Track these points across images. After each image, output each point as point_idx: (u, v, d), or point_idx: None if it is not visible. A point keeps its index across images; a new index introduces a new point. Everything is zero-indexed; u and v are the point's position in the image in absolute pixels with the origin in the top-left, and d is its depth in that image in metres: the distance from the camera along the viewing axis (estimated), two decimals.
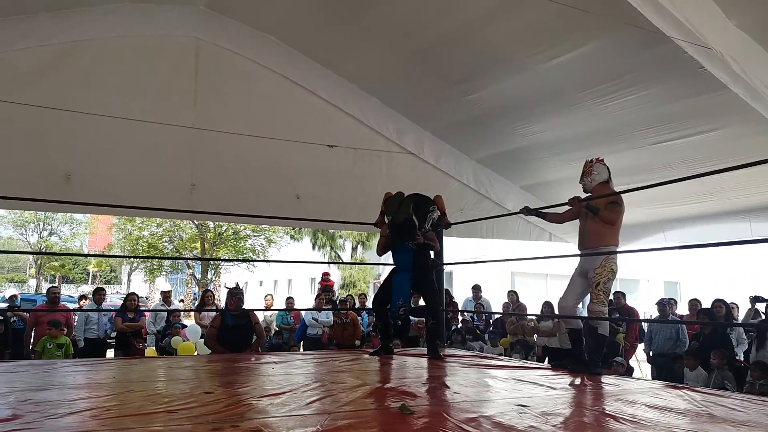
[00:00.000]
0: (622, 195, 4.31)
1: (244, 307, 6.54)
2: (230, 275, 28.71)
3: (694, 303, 7.48)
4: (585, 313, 4.69)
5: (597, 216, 4.24)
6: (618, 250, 4.37)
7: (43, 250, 32.24)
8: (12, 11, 5.60)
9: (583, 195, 4.48)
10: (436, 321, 5.11)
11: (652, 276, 20.05)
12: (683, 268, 19.04)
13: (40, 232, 34.74)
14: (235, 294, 6.70)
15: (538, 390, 3.45)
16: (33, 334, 7.15)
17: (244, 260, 21.96)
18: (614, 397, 3.31)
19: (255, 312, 6.76)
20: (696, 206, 7.20)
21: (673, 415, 2.80)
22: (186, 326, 8.48)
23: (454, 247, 5.75)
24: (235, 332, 6.20)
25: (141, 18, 6.18)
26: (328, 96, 7.08)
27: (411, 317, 8.16)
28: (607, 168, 4.50)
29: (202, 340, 7.79)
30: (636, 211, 7.18)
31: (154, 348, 8.05)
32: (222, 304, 12.41)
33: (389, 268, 5.38)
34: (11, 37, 5.66)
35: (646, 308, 14.54)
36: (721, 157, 5.68)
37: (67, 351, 6.86)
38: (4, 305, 12.49)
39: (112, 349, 7.81)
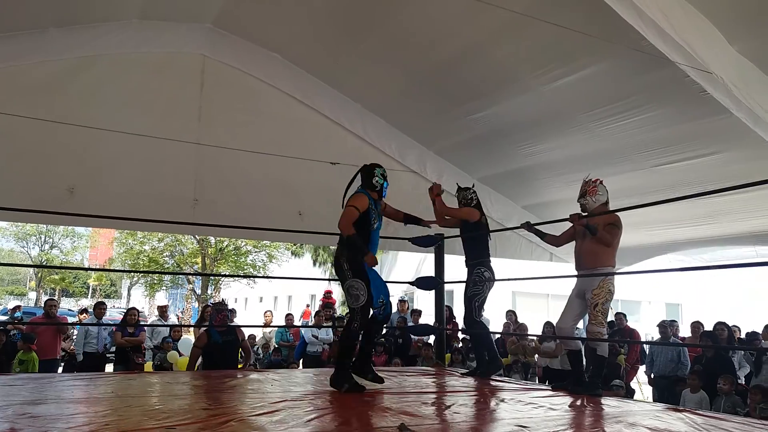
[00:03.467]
0: (622, 213, 4.33)
1: (236, 322, 6.46)
2: (230, 291, 28.66)
3: (696, 325, 7.45)
4: (584, 334, 4.67)
5: (595, 236, 4.25)
6: (618, 270, 4.37)
7: (44, 263, 32.23)
8: (23, 26, 5.67)
9: (583, 214, 4.49)
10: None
11: (653, 297, 19.95)
12: (685, 289, 18.96)
13: (41, 245, 34.76)
14: (221, 310, 6.55)
15: (538, 411, 3.43)
16: None
17: (245, 276, 21.92)
18: (615, 419, 3.29)
19: (242, 328, 6.68)
20: (699, 229, 7.20)
21: None
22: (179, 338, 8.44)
23: (455, 265, 5.72)
24: (223, 350, 6.06)
25: (149, 35, 6.27)
26: (332, 114, 7.14)
27: (412, 335, 8.11)
28: (606, 189, 4.52)
29: None
30: (639, 233, 7.17)
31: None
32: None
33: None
34: (21, 51, 5.74)
35: (647, 330, 14.44)
36: (722, 181, 5.66)
37: (28, 368, 6.69)
38: (5, 317, 12.48)
39: (112, 364, 7.78)
